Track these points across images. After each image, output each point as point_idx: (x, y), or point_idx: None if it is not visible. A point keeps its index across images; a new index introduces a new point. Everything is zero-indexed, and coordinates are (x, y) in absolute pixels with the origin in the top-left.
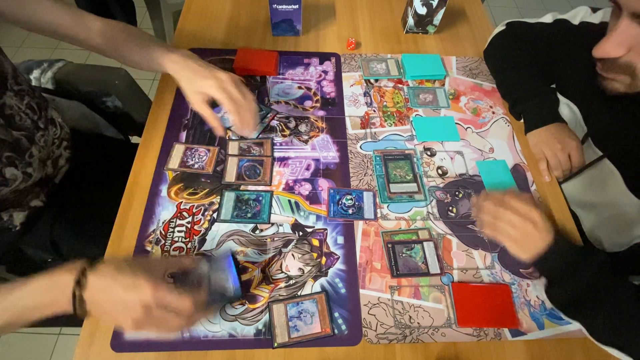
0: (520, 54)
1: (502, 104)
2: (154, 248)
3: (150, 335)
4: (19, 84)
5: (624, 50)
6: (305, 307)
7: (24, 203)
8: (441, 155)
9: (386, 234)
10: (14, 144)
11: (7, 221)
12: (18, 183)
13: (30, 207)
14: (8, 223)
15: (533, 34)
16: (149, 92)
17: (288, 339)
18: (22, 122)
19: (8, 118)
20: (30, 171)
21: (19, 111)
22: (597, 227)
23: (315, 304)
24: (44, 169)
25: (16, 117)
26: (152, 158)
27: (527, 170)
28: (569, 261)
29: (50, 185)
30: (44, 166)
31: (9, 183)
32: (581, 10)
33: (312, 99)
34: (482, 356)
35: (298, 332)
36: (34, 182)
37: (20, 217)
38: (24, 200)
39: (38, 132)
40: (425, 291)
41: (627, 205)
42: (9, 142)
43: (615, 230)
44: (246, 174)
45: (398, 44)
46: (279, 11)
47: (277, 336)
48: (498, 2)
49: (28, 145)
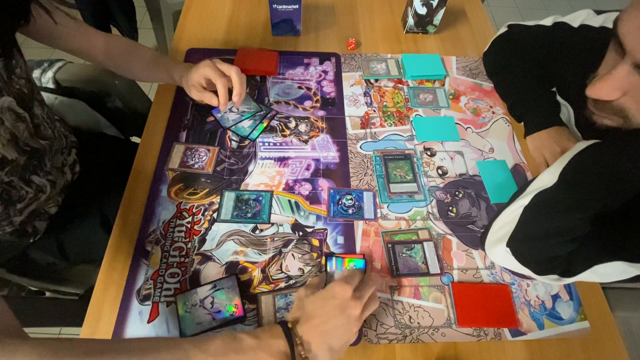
0: (521, 57)
1: (502, 104)
2: (154, 248)
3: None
4: (39, 93)
5: (619, 94)
6: (293, 299)
7: (44, 212)
8: (441, 155)
9: (386, 234)
10: (40, 152)
11: (31, 234)
12: (49, 191)
13: (50, 215)
14: (33, 236)
15: (533, 37)
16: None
17: None
18: (45, 131)
19: (37, 127)
20: (52, 178)
21: (42, 121)
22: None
23: None
24: (63, 176)
25: (41, 126)
26: (152, 158)
27: (527, 170)
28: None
29: (67, 191)
30: (63, 173)
31: (45, 190)
32: (583, 13)
33: (312, 99)
34: (482, 356)
35: None
36: (58, 190)
37: (43, 226)
38: (44, 208)
39: (55, 142)
40: (425, 291)
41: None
42: (39, 150)
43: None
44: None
45: (398, 44)
46: (279, 11)
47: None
48: (498, 2)
49: (47, 153)
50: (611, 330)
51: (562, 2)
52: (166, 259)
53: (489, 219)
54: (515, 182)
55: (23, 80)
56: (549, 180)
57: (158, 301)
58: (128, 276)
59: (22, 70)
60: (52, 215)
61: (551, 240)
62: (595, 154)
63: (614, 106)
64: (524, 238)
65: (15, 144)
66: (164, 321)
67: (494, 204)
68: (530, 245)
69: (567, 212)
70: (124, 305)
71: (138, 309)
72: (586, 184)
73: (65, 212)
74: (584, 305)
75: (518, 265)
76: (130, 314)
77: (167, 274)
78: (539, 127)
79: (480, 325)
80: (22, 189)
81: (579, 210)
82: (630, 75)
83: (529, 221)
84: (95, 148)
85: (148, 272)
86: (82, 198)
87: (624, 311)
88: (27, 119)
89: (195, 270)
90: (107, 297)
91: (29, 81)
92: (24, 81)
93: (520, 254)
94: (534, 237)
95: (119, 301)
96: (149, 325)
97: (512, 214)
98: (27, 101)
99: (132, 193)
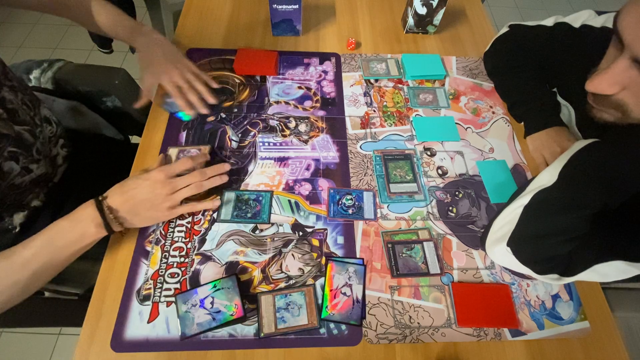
0: (522, 57)
1: (502, 104)
2: (154, 248)
3: (150, 334)
4: (10, 80)
5: (618, 88)
6: (293, 299)
7: (24, 203)
8: (441, 155)
9: (386, 234)
10: (17, 138)
11: (7, 222)
12: (13, 176)
13: (30, 208)
14: (8, 224)
15: (534, 37)
16: None
17: (275, 329)
18: (23, 116)
19: (11, 112)
20: (32, 167)
21: (18, 106)
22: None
23: (304, 296)
24: (44, 167)
25: (19, 110)
26: (152, 158)
27: (527, 170)
28: None
29: (49, 185)
30: (44, 164)
31: (5, 177)
32: (584, 13)
33: (312, 99)
34: (482, 356)
35: (285, 324)
36: (31, 180)
37: (20, 218)
38: (25, 200)
39: (38, 128)
40: (425, 291)
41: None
42: (12, 136)
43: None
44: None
45: (398, 44)
46: (279, 11)
47: (264, 326)
48: (498, 2)
49: (32, 140)
50: (611, 330)
51: (562, 2)
52: (166, 259)
53: (489, 219)
54: (515, 182)
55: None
56: (549, 179)
57: (158, 301)
58: (128, 276)
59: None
60: (34, 208)
61: (551, 239)
62: (594, 153)
63: (613, 100)
64: (524, 237)
65: None
66: (164, 321)
67: (494, 204)
68: (530, 244)
69: (567, 211)
70: (124, 305)
71: (138, 309)
72: (585, 183)
73: (55, 207)
74: (584, 305)
75: (518, 265)
76: (130, 314)
77: (167, 274)
78: (539, 127)
79: (480, 325)
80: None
81: (579, 209)
82: (629, 69)
83: (529, 220)
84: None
85: (148, 272)
86: (74, 195)
87: (624, 311)
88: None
89: (195, 270)
90: (107, 297)
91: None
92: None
93: (521, 254)
94: (534, 237)
95: (119, 301)
96: (149, 325)
97: (512, 213)
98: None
99: None
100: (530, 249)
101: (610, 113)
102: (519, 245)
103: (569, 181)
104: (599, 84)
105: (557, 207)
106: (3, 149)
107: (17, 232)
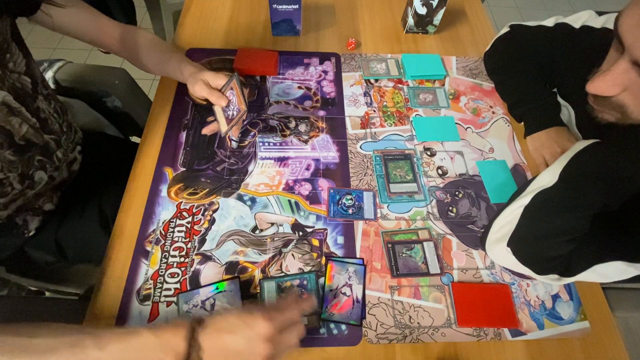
0: (522, 57)
1: (502, 104)
2: (154, 248)
3: None
4: (46, 88)
5: (619, 90)
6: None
7: (37, 207)
8: (441, 155)
9: (386, 234)
10: (44, 147)
11: (21, 226)
12: (42, 186)
13: (44, 212)
14: (23, 228)
15: (534, 37)
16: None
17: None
18: (52, 125)
19: (43, 121)
20: (55, 175)
21: (49, 115)
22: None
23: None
24: (63, 173)
25: (49, 120)
26: (152, 158)
27: (527, 170)
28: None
29: (63, 188)
30: (64, 170)
31: (35, 186)
32: (585, 14)
33: (312, 99)
34: (482, 356)
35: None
36: (52, 187)
37: (35, 223)
38: (37, 203)
39: (64, 136)
40: (425, 291)
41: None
42: (40, 145)
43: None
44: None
45: (398, 44)
46: (279, 11)
47: None
48: (498, 2)
49: (55, 148)
50: (611, 330)
51: (562, 3)
52: (166, 259)
53: (489, 219)
54: (515, 182)
55: (16, 75)
56: (549, 180)
57: (158, 301)
58: (128, 276)
59: (17, 64)
60: (47, 212)
61: (551, 239)
62: (594, 153)
63: (613, 102)
64: (524, 237)
65: (9, 138)
66: (164, 321)
67: (494, 204)
68: (530, 244)
69: (567, 211)
70: (124, 305)
71: (138, 309)
72: (586, 184)
73: (63, 209)
74: (584, 305)
75: (518, 265)
76: (130, 314)
77: (167, 274)
78: (539, 128)
79: (480, 325)
80: (9, 185)
81: (579, 210)
82: (629, 71)
83: (529, 221)
84: (97, 147)
85: (148, 272)
86: (81, 196)
87: (624, 311)
88: (24, 113)
89: (195, 270)
90: (107, 297)
91: (27, 75)
92: (18, 75)
93: (521, 254)
94: (534, 237)
95: (119, 301)
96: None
97: (512, 213)
98: (24, 96)
99: (132, 193)
100: (530, 249)
101: (610, 114)
102: (519, 245)
103: (570, 182)
104: (600, 86)
105: (557, 207)
106: (33, 159)
107: (31, 235)
